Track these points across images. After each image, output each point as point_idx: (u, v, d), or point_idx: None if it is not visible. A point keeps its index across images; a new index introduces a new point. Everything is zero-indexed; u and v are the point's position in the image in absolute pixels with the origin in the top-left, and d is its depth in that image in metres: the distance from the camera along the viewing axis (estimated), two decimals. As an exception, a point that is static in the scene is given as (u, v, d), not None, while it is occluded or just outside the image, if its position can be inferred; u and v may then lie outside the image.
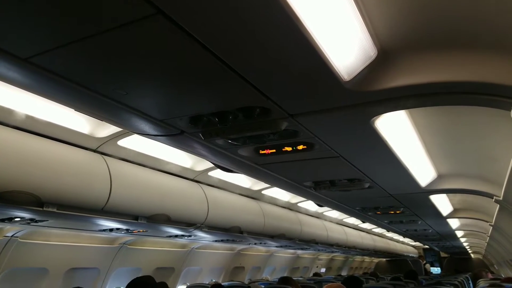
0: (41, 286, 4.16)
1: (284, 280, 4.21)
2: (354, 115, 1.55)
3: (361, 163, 2.29)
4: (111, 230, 3.67)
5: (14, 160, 2.24)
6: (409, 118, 2.03)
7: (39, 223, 3.07)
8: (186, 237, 4.73)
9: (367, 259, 15.12)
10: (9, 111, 2.27)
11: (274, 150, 1.95)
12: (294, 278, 4.51)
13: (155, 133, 1.76)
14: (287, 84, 1.34)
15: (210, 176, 4.04)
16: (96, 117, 1.68)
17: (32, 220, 2.89)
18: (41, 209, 2.48)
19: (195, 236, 4.60)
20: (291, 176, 2.58)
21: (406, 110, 1.94)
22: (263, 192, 5.00)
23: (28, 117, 2.37)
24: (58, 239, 4.18)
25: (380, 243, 10.94)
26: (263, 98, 1.38)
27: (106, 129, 2.76)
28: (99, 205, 2.74)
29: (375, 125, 1.66)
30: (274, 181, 2.87)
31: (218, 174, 4.10)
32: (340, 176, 2.59)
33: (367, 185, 2.77)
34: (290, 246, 6.94)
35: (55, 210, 2.54)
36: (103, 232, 3.91)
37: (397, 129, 1.97)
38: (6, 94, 2.21)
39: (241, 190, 4.69)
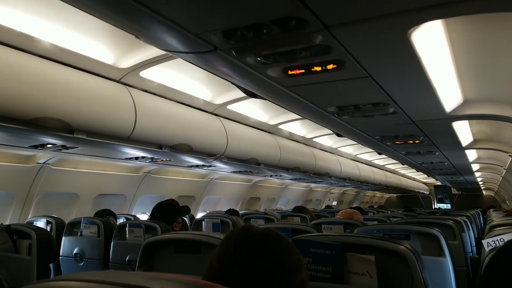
0: (73, 210, 4.51)
1: (299, 209, 4.43)
2: (391, 26, 1.50)
3: (389, 85, 2.27)
4: (136, 158, 3.86)
5: (44, 87, 2.32)
6: (446, 32, 1.97)
7: (70, 150, 3.25)
8: (206, 167, 4.95)
9: (378, 194, 15.60)
10: (35, 40, 2.31)
11: (303, 71, 1.94)
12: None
13: (186, 50, 1.75)
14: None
15: (228, 110, 4.11)
16: (128, 30, 1.67)
17: (63, 146, 3.07)
18: (71, 135, 2.62)
19: (214, 166, 4.80)
20: (315, 100, 2.59)
21: (444, 24, 1.88)
22: (279, 126, 5.09)
23: (54, 46, 2.41)
24: (87, 167, 4.44)
25: (392, 179, 11.19)
26: (300, 5, 1.35)
27: (128, 60, 2.79)
28: (126, 134, 2.87)
29: (411, 38, 1.63)
30: (297, 106, 2.88)
31: (237, 108, 4.17)
32: (365, 100, 2.59)
33: (391, 110, 2.77)
34: (304, 179, 7.19)
35: (84, 137, 2.68)
36: (129, 161, 4.12)
37: (431, 44, 1.91)
38: (32, 22, 2.23)
39: (258, 124, 4.78)
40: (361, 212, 3.28)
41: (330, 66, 1.89)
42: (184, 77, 3.31)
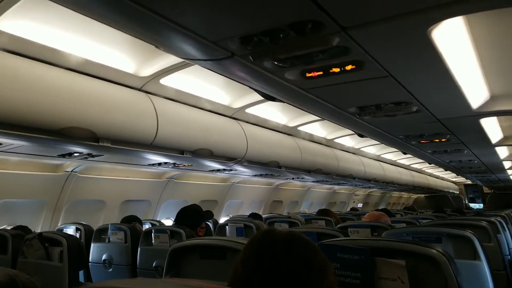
0: (101, 216, 4.62)
1: (323, 212, 4.37)
2: (411, 24, 1.47)
3: (410, 83, 2.21)
4: (159, 164, 3.92)
5: (70, 98, 2.40)
6: (467, 28, 1.91)
7: (95, 158, 3.34)
8: (227, 172, 4.98)
9: (405, 195, 15.22)
10: (64, 54, 2.39)
11: (321, 73, 1.92)
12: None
13: (204, 57, 1.76)
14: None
15: (247, 113, 4.12)
16: (148, 40, 1.71)
17: (89, 154, 3.15)
18: (97, 144, 2.69)
19: (235, 170, 4.82)
20: (335, 101, 2.55)
21: (465, 20, 1.83)
22: (299, 128, 5.05)
23: (79, 59, 2.49)
24: (112, 174, 4.54)
25: (419, 179, 10.91)
26: (315, 8, 1.34)
27: (149, 68, 2.85)
28: (148, 140, 2.92)
29: (432, 35, 1.58)
30: (317, 108, 2.85)
31: (255, 111, 4.17)
32: (387, 99, 2.52)
33: (414, 108, 2.68)
34: (326, 181, 7.10)
35: (109, 144, 2.75)
36: (152, 167, 4.19)
37: (453, 41, 1.85)
38: (61, 37, 2.32)
39: (277, 126, 4.76)
40: (388, 214, 3.21)
41: (348, 67, 1.86)
42: (202, 82, 3.34)
